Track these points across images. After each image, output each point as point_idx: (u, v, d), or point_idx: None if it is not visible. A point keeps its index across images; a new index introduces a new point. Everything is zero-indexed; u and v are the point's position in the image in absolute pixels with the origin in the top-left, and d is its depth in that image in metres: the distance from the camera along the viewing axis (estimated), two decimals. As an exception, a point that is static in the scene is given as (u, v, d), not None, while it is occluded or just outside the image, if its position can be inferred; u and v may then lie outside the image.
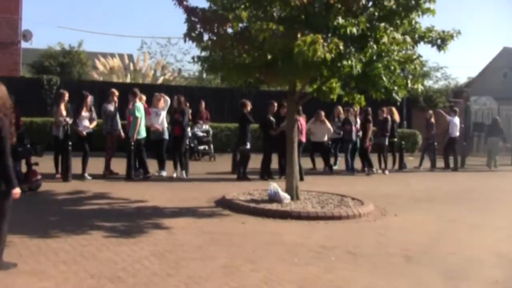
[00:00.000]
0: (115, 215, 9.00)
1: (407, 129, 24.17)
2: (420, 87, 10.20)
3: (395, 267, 6.58)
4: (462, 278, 6.22)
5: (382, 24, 9.11)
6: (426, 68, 27.41)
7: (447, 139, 18.71)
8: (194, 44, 9.73)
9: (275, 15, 9.72)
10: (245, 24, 9.53)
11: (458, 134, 18.95)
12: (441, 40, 10.04)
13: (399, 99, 10.36)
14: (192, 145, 17.20)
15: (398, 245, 7.63)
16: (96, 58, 28.61)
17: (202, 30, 9.34)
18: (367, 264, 6.63)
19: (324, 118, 16.27)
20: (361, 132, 16.40)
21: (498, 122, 21.03)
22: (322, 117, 16.20)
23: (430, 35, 10.00)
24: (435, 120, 19.03)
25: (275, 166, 14.28)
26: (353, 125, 16.25)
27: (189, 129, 15.49)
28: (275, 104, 14.42)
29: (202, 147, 18.71)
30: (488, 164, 20.36)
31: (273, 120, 14.21)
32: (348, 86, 10.71)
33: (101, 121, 13.91)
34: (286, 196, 10.08)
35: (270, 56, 9.33)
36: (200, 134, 18.53)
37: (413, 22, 9.67)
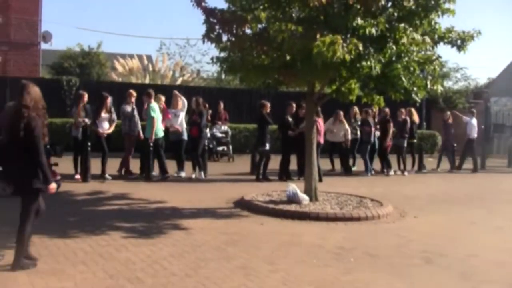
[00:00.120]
0: (134, 216, 9.05)
1: (427, 130, 24.04)
2: (439, 88, 10.12)
3: (414, 269, 6.53)
4: (482, 280, 6.14)
5: (402, 25, 9.04)
6: (445, 69, 27.27)
7: (465, 140, 18.53)
8: (212, 45, 9.75)
9: (294, 15, 9.71)
10: (264, 24, 9.56)
11: (476, 136, 18.72)
12: (461, 41, 9.93)
13: (418, 100, 10.29)
14: (211, 146, 17.20)
15: (418, 246, 7.57)
16: (115, 59, 28.86)
17: (220, 31, 9.37)
18: (386, 266, 6.59)
19: (343, 118, 16.25)
20: (379, 132, 16.34)
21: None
22: (341, 117, 16.18)
23: (450, 35, 9.89)
24: (453, 121, 18.86)
25: (293, 167, 14.26)
26: (372, 126, 16.17)
27: (207, 130, 15.52)
28: (294, 105, 14.38)
29: (220, 148, 18.76)
30: (509, 165, 20.13)
31: (291, 121, 14.20)
32: (367, 87, 10.65)
33: (120, 122, 14.00)
34: (305, 197, 10.06)
35: (289, 57, 9.31)
36: (219, 135, 18.58)
37: (432, 23, 9.58)
